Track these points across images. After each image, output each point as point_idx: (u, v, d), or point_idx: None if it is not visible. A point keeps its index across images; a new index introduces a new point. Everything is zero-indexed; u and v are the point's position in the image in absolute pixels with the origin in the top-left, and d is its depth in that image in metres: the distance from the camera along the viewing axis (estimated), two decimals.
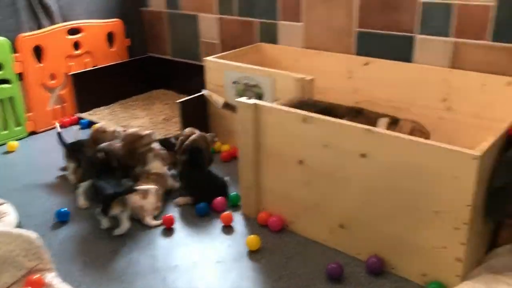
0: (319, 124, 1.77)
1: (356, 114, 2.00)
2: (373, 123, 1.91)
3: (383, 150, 1.63)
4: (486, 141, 1.53)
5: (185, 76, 3.58)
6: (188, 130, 2.41)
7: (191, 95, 2.77)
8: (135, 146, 2.23)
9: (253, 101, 1.96)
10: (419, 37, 2.40)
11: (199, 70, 3.40)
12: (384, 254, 1.76)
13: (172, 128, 3.07)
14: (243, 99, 2.00)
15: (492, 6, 2.14)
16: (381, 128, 1.88)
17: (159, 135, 2.97)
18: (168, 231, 2.06)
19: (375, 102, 2.59)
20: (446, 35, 2.32)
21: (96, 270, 1.83)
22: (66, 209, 2.15)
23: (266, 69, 2.47)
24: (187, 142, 2.31)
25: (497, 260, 1.72)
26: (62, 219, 2.12)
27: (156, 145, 2.32)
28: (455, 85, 2.31)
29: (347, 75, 2.67)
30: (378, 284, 1.72)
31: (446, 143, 1.52)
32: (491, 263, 1.71)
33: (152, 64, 3.74)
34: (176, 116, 3.24)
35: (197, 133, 2.37)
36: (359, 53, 2.64)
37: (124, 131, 2.40)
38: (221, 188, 2.24)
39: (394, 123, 1.96)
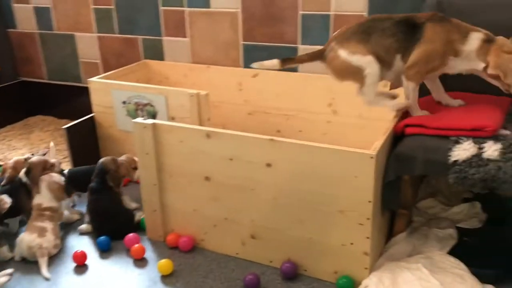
0: (223, 138, 1.78)
1: (440, 20, 1.77)
2: (464, 37, 1.72)
3: (287, 158, 1.69)
4: (378, 140, 1.66)
5: (64, 100, 3.36)
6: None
7: (74, 119, 2.59)
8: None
9: (151, 121, 1.90)
10: (301, 47, 2.53)
11: (81, 92, 3.24)
12: (297, 258, 1.82)
13: (57, 157, 2.85)
14: (140, 120, 1.93)
15: (364, 15, 2.33)
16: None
17: None
18: (80, 268, 1.91)
19: (267, 111, 2.68)
20: (322, 44, 2.46)
21: None
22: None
23: (158, 86, 2.42)
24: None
25: (395, 249, 1.87)
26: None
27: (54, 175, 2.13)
28: (338, 90, 2.47)
29: (238, 87, 2.72)
30: None
31: (337, 144, 1.62)
32: (391, 251, 1.86)
33: (26, 89, 3.45)
34: (60, 144, 3.02)
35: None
36: (247, 65, 2.70)
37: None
38: (126, 222, 2.11)
39: (489, 41, 1.72)
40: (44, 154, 2.33)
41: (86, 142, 2.59)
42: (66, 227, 2.17)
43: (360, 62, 1.79)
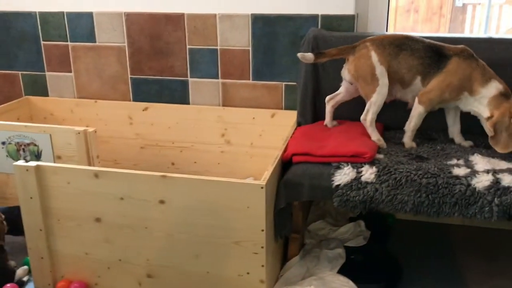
0: (113, 177, 1.73)
1: (468, 57, 1.83)
2: (485, 81, 1.80)
3: (180, 193, 1.69)
4: (267, 170, 1.74)
5: None
6: None
7: None
8: None
9: (33, 163, 1.80)
10: (191, 80, 2.57)
11: None
12: None
13: None
14: (21, 163, 1.82)
15: (249, 50, 2.44)
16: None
17: None
18: None
19: (160, 144, 2.66)
20: (215, 77, 2.54)
21: None
22: None
23: (42, 124, 2.30)
24: None
25: (290, 273, 1.94)
26: None
27: None
28: (229, 120, 2.54)
29: (128, 121, 2.67)
30: None
31: (232, 173, 1.67)
32: (286, 276, 1.92)
33: None
34: None
35: None
36: (137, 99, 2.67)
37: None
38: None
39: (505, 95, 1.80)
40: None
41: None
42: None
43: (381, 75, 1.88)
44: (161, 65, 2.58)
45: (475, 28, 5.50)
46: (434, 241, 2.21)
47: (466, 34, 4.45)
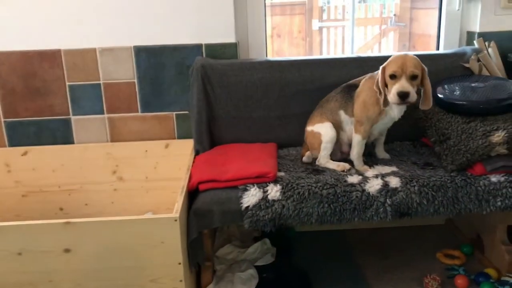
0: (7, 231, 1.57)
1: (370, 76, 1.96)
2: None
3: (88, 239, 1.60)
4: (177, 201, 1.72)
5: None
6: None
7: None
8: None
9: None
10: (74, 118, 2.44)
11: None
12: None
13: None
14: None
15: (135, 82, 2.40)
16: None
17: None
18: None
19: (45, 190, 2.47)
20: (100, 113, 2.44)
21: None
22: None
23: None
24: None
25: None
26: None
27: None
28: (120, 156, 2.46)
29: (6, 168, 2.43)
30: None
31: (127, 211, 1.62)
32: None
33: None
34: None
35: None
36: (14, 143, 2.45)
37: None
38: None
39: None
40: None
41: None
42: None
43: (318, 129, 2.02)
44: (38, 105, 2.41)
45: (331, 48, 6.06)
46: (333, 246, 2.36)
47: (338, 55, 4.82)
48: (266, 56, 2.51)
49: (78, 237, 1.59)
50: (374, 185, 1.81)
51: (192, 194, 1.89)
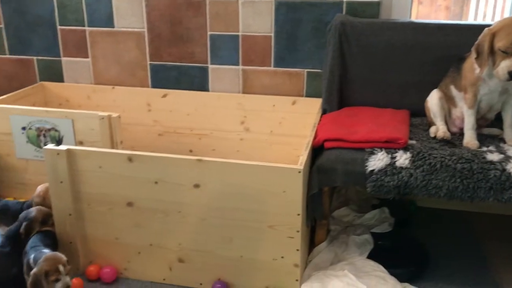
0: (148, 161, 1.72)
1: None
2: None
3: (216, 178, 1.68)
4: (302, 154, 1.73)
5: None
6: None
7: None
8: None
9: (64, 146, 1.78)
10: (212, 66, 2.55)
11: None
12: (227, 277, 1.81)
13: None
14: (51, 147, 1.79)
15: (271, 36, 2.42)
16: None
17: None
18: None
19: (178, 131, 2.65)
20: (236, 64, 2.52)
21: None
22: None
23: (64, 110, 2.27)
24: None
25: (319, 258, 1.95)
26: None
27: None
28: (249, 108, 2.53)
29: (147, 108, 2.65)
30: None
31: (250, 161, 1.66)
32: (315, 261, 1.93)
33: None
34: None
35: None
36: (156, 85, 2.65)
37: None
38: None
39: None
40: None
41: None
42: None
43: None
44: (181, 51, 2.56)
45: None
46: (457, 227, 2.23)
47: None
48: (410, 18, 2.37)
49: (207, 175, 1.69)
50: None
51: (316, 151, 1.89)
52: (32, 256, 1.65)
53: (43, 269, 1.57)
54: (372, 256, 1.92)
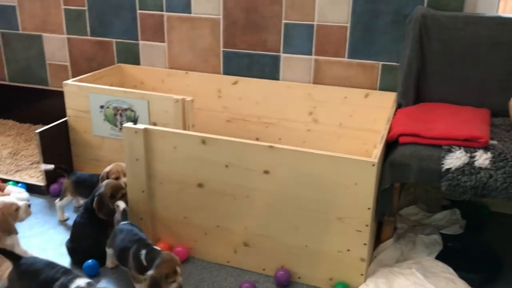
0: (220, 144, 1.75)
1: None
2: None
3: (287, 165, 1.69)
4: (376, 147, 1.70)
5: (27, 103, 3.19)
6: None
7: (38, 124, 2.45)
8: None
9: (142, 125, 1.85)
10: (284, 55, 2.55)
11: (46, 95, 3.10)
12: (291, 265, 1.81)
13: (23, 163, 2.70)
14: (130, 125, 1.87)
15: (347, 26, 2.38)
16: None
17: (7, 172, 2.61)
18: None
19: (247, 119, 2.67)
20: (308, 53, 2.50)
21: None
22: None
23: (141, 91, 2.35)
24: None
25: (384, 254, 1.91)
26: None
27: None
28: (319, 99, 2.51)
29: (217, 94, 2.69)
30: None
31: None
32: (380, 258, 1.89)
33: None
34: (24, 149, 2.87)
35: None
36: (227, 72, 2.69)
37: None
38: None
39: None
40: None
41: (58, 146, 2.46)
42: None
43: None
44: (254, 39, 2.58)
45: None
46: None
47: None
48: (497, 12, 2.25)
49: (278, 162, 1.69)
50: None
51: (389, 145, 1.85)
52: (143, 252, 1.63)
53: (164, 272, 1.55)
54: (440, 258, 1.86)
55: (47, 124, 2.42)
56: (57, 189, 2.39)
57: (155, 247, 1.67)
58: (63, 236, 2.07)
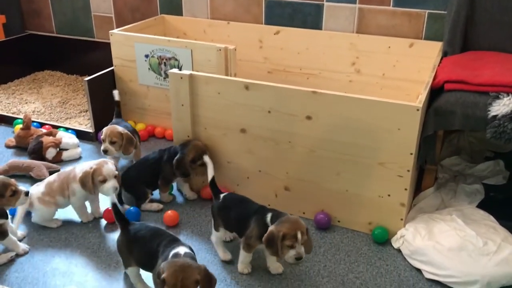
0: (263, 90, 1.78)
1: None
2: None
3: (329, 110, 1.70)
4: (421, 93, 1.69)
5: (74, 54, 3.29)
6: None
7: (84, 75, 2.53)
8: None
9: (188, 72, 1.89)
10: (327, 4, 2.51)
11: (92, 46, 3.18)
12: (330, 209, 1.85)
13: (72, 112, 2.82)
14: (175, 71, 1.91)
15: None
16: None
17: (58, 119, 2.73)
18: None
19: (288, 70, 2.67)
20: (353, 2, 2.46)
21: None
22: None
23: (184, 40, 2.39)
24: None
25: (424, 202, 1.92)
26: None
27: None
28: (362, 49, 2.48)
29: (258, 44, 2.70)
30: (329, 237, 1.81)
31: None
32: (420, 205, 1.91)
33: (33, 42, 3.36)
34: (72, 99, 2.98)
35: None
36: (269, 22, 2.68)
37: None
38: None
39: None
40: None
41: (105, 95, 2.55)
42: None
43: None
44: None
45: None
46: None
47: None
48: None
49: (321, 107, 1.71)
50: None
51: (434, 94, 1.82)
52: (269, 215, 1.54)
53: (282, 231, 1.44)
54: (482, 207, 1.85)
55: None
56: None
57: (281, 211, 1.57)
58: None
